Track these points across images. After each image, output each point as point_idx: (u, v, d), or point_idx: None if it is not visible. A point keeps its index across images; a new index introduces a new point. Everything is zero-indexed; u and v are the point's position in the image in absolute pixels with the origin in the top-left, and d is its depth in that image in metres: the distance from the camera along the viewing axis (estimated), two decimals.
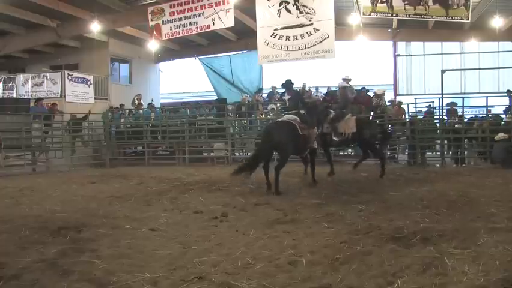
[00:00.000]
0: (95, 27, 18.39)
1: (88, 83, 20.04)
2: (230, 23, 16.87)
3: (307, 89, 19.59)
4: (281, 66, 19.93)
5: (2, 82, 20.21)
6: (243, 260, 4.87)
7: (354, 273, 4.40)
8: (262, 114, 17.97)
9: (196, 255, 5.07)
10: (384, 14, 16.07)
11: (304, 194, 8.90)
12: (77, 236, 6.04)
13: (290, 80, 10.66)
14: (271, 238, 5.75)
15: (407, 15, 15.94)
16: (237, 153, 17.07)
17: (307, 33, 16.28)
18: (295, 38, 16.40)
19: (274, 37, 16.62)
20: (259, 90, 20.78)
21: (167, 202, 8.58)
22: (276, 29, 16.57)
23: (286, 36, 16.53)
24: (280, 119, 10.33)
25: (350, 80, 16.57)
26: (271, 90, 20.09)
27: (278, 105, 16.44)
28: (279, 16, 16.47)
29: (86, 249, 5.43)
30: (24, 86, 19.61)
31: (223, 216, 7.15)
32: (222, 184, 10.33)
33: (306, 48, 16.34)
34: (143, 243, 5.73)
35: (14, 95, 19.59)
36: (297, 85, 20.00)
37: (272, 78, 21.97)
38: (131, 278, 4.41)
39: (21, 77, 20.03)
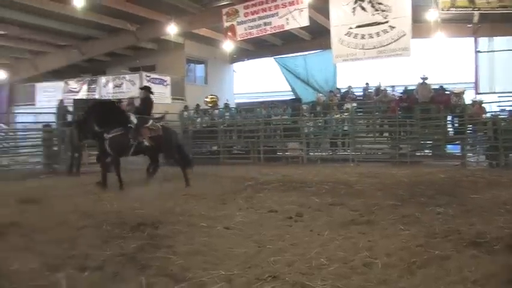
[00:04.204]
0: (172, 30, 18.89)
1: (165, 83, 20.60)
2: (304, 22, 16.78)
3: (382, 88, 19.19)
4: (356, 65, 19.63)
5: (86, 84, 21.19)
6: (317, 260, 4.83)
7: (431, 278, 4.25)
8: (337, 114, 17.76)
9: (271, 254, 5.08)
10: (465, 9, 15.43)
11: (379, 195, 8.73)
12: (155, 232, 6.22)
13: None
14: (346, 239, 5.68)
15: (491, 9, 15.19)
16: (311, 153, 16.96)
17: (382, 31, 15.92)
18: (371, 36, 16.09)
19: (349, 36, 16.38)
20: (335, 89, 20.56)
21: (242, 201, 8.65)
22: (350, 28, 16.31)
23: (361, 35, 16.24)
24: None
25: (427, 78, 16.13)
26: (346, 89, 19.85)
27: (354, 104, 16.21)
28: (354, 14, 16.19)
29: (163, 245, 5.59)
30: (106, 88, 20.47)
31: (298, 216, 7.12)
32: (296, 184, 10.33)
33: (381, 46, 15.98)
34: (218, 241, 5.80)
35: (97, 96, 20.49)
36: (372, 84, 19.85)
37: (347, 77, 21.75)
38: (206, 275, 4.47)
39: (102, 79, 20.91)
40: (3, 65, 24.90)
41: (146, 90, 11.52)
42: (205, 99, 20.52)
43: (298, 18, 16.69)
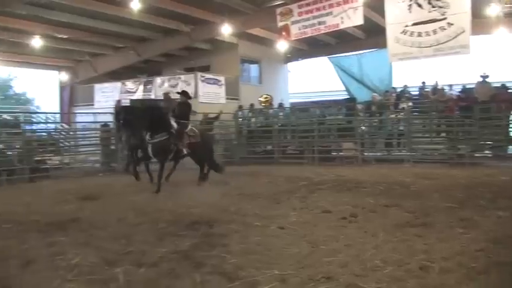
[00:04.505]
0: (226, 30, 19.03)
1: (220, 83, 20.81)
2: (359, 21, 16.54)
3: (439, 87, 18.73)
4: (413, 64, 19.21)
5: (142, 85, 21.70)
6: (372, 262, 4.79)
7: (492, 286, 4.14)
8: (393, 114, 17.47)
9: (325, 255, 5.08)
10: None
11: (436, 197, 8.54)
12: (209, 231, 6.34)
13: None
14: (401, 241, 5.60)
15: None
16: (366, 153, 16.75)
17: (440, 28, 15.48)
18: (427, 34, 15.66)
19: (404, 34, 16.03)
20: (391, 88, 20.23)
21: (297, 201, 8.67)
22: (406, 26, 15.95)
23: (418, 33, 15.84)
24: None
25: (487, 77, 15.62)
26: (402, 88, 19.49)
27: (410, 104, 15.89)
28: (410, 12, 15.83)
29: (217, 243, 5.68)
30: (161, 88, 20.81)
31: (352, 216, 7.08)
32: (351, 184, 10.25)
33: (438, 44, 15.54)
34: (272, 240, 5.85)
35: (153, 96, 20.92)
36: (429, 83, 19.40)
37: (403, 76, 21.36)
38: (259, 274, 4.53)
39: (158, 80, 21.31)
40: (65, 67, 25.96)
41: (184, 95, 11.49)
42: (259, 99, 20.59)
43: (352, 17, 16.47)
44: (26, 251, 5.52)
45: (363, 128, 17.34)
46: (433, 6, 15.41)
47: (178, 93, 11.88)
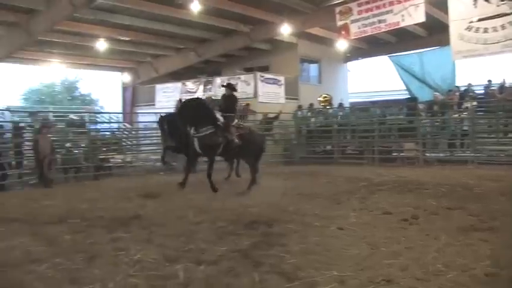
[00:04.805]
0: (285, 30, 19.06)
1: (279, 83, 20.83)
2: (420, 18, 16.14)
3: (507, 84, 18.01)
4: (477, 61, 18.54)
5: (202, 85, 22.02)
6: (434, 266, 4.70)
7: None
8: (456, 113, 16.95)
9: (385, 257, 5.03)
10: None
11: (502, 200, 8.24)
12: (268, 230, 6.40)
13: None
14: (465, 245, 5.45)
15: None
16: (428, 154, 16.33)
17: (509, 23, 14.82)
18: (495, 29, 15.08)
19: (469, 30, 15.50)
20: (454, 87, 19.63)
21: (356, 202, 8.61)
22: (471, 22, 15.41)
23: (484, 29, 15.28)
24: None
25: None
26: (466, 87, 18.88)
27: (474, 103, 15.37)
28: (475, 7, 15.27)
29: (276, 243, 5.72)
30: (221, 88, 21.03)
31: (414, 218, 6.95)
32: (412, 185, 10.05)
33: (507, 40, 14.89)
34: (331, 241, 5.84)
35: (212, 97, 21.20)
36: (495, 81, 18.68)
37: (467, 75, 20.68)
38: (318, 275, 4.53)
39: (218, 80, 21.53)
40: (127, 68, 26.78)
41: (230, 87, 11.14)
42: (319, 99, 20.49)
43: (414, 14, 16.10)
44: (91, 245, 5.79)
45: (427, 128, 16.92)
46: (502, 0, 14.78)
47: (223, 86, 11.58)
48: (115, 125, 20.93)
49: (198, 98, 11.50)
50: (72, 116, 19.98)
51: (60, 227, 6.82)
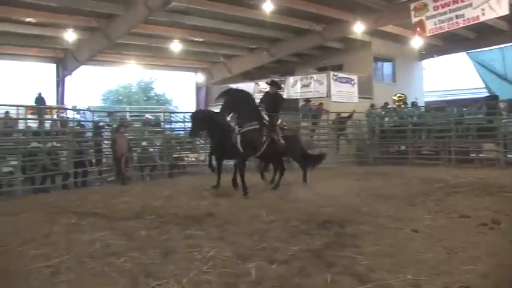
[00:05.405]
0: (358, 28, 18.84)
1: (352, 82, 20.57)
2: (503, 11, 15.31)
3: None
4: None
5: None
6: None
7: None
8: None
9: (462, 263, 4.83)
10: None
11: None
12: (341, 231, 6.33)
13: None
14: None
15: None
16: (509, 155, 15.58)
17: None
18: None
19: None
20: None
21: (432, 204, 8.37)
22: None
23: None
24: None
25: None
26: None
27: None
28: None
29: (349, 244, 5.65)
30: (294, 88, 21.06)
31: (494, 223, 6.62)
32: (492, 188, 9.63)
33: None
34: (405, 243, 5.70)
35: (285, 96, 21.22)
36: None
37: None
38: (392, 278, 4.43)
39: (291, 79, 21.57)
40: (201, 68, 27.37)
41: (275, 85, 10.54)
42: (393, 98, 20.06)
43: (496, 7, 15.31)
44: (166, 241, 5.94)
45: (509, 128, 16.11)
46: None
47: (267, 83, 10.96)
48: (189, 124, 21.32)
49: (245, 91, 10.82)
50: (148, 115, 20.58)
51: (137, 222, 7.06)
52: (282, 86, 21.24)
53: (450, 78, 28.74)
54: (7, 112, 15.81)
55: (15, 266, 5.10)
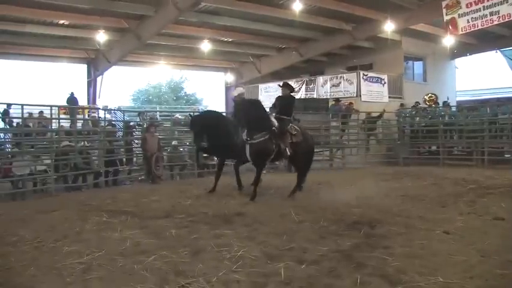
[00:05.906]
0: (389, 27, 18.64)
1: (382, 82, 20.37)
2: None
3: None
4: None
5: (304, 84, 22.03)
6: None
7: None
8: None
9: (497, 267, 4.73)
10: None
11: None
12: (371, 232, 6.28)
13: None
14: None
15: None
16: None
17: None
18: None
19: None
20: None
21: (464, 205, 8.23)
22: None
23: None
24: None
25: None
26: None
27: None
28: None
29: (379, 245, 5.60)
30: (323, 87, 20.97)
31: None
32: None
33: None
34: (437, 245, 5.61)
35: (315, 96, 21.19)
36: None
37: None
38: (423, 280, 4.37)
39: (320, 79, 21.47)
40: (230, 68, 27.49)
41: (287, 87, 9.95)
42: (424, 97, 19.78)
43: None
44: (195, 240, 5.99)
45: None
46: None
47: (279, 85, 10.36)
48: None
49: (254, 100, 10.75)
50: (178, 115, 20.72)
51: (166, 221, 7.12)
52: (295, 87, 21.20)
53: (483, 77, 28.26)
54: (41, 112, 16.17)
55: (49, 262, 5.20)
